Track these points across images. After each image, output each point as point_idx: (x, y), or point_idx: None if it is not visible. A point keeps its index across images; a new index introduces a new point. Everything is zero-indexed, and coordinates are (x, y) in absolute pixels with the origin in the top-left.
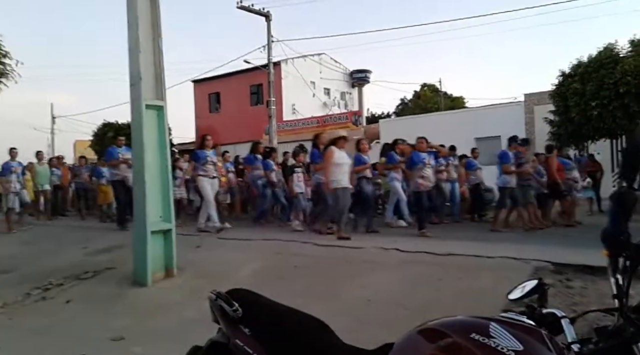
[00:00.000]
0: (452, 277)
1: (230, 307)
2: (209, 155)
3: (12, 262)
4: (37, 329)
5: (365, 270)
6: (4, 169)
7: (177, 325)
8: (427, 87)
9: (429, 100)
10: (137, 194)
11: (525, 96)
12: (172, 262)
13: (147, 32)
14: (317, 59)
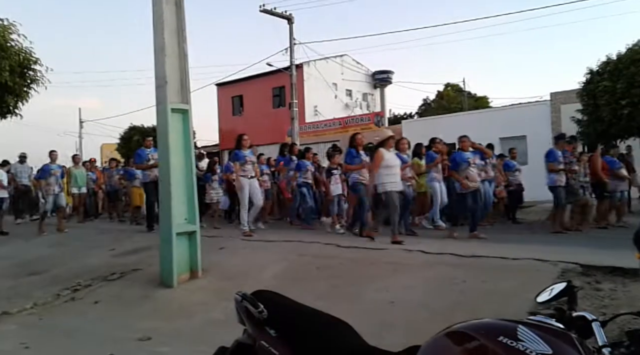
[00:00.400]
0: (476, 279)
1: (256, 308)
2: (247, 154)
3: (42, 263)
4: (66, 329)
5: (389, 272)
6: (44, 172)
7: (202, 326)
8: (451, 87)
9: (452, 100)
10: (162, 196)
11: (551, 95)
12: (196, 264)
13: (173, 36)
14: (339, 60)
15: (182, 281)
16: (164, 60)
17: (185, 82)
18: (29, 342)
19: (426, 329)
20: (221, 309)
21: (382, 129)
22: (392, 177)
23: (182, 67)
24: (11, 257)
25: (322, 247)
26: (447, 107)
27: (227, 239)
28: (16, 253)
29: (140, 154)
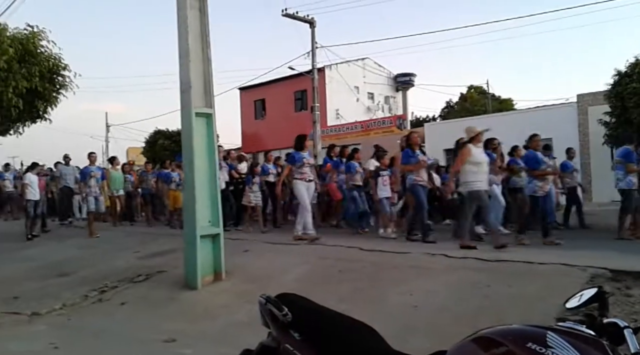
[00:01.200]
0: (501, 284)
1: (280, 311)
2: (305, 157)
3: (70, 265)
4: (94, 330)
5: (412, 276)
6: (84, 174)
7: (226, 328)
8: (474, 89)
9: (475, 102)
10: (187, 199)
11: (578, 97)
12: (220, 266)
13: (197, 41)
14: (361, 63)
15: (206, 283)
16: (188, 65)
17: (209, 87)
18: (58, 342)
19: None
20: (244, 311)
21: (403, 132)
22: (479, 175)
23: (205, 71)
24: (41, 258)
25: (344, 251)
26: (471, 109)
27: (250, 242)
28: (45, 255)
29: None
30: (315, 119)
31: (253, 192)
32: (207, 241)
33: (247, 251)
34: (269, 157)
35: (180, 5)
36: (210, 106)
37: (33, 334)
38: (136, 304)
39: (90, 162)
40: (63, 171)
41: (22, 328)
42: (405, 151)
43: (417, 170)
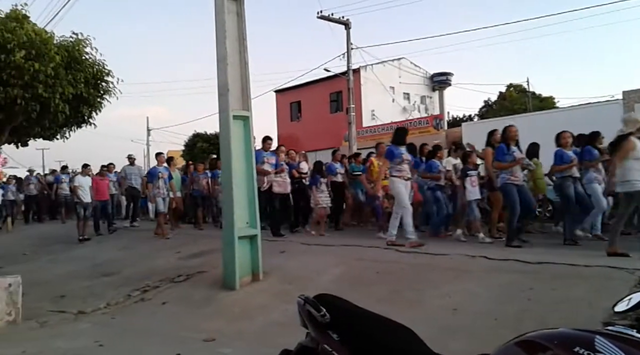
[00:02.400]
0: (544, 287)
1: (318, 312)
2: (404, 152)
3: (114, 265)
4: (137, 329)
5: (450, 278)
6: (152, 175)
7: (263, 328)
8: (513, 87)
9: (515, 101)
10: (225, 201)
11: (624, 94)
12: (258, 267)
13: (234, 46)
14: (397, 63)
15: (244, 284)
16: (226, 69)
17: (246, 90)
18: (102, 340)
19: (492, 337)
20: (281, 311)
21: (440, 132)
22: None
23: (243, 75)
24: (86, 258)
25: (381, 252)
26: (510, 108)
27: (287, 243)
28: (90, 255)
29: (256, 156)
30: (351, 120)
31: (322, 193)
32: (245, 242)
33: (284, 252)
34: (336, 156)
35: (218, 9)
36: (247, 109)
37: (79, 332)
38: (177, 303)
39: (158, 163)
40: (128, 171)
41: (68, 326)
42: (500, 147)
43: (511, 169)
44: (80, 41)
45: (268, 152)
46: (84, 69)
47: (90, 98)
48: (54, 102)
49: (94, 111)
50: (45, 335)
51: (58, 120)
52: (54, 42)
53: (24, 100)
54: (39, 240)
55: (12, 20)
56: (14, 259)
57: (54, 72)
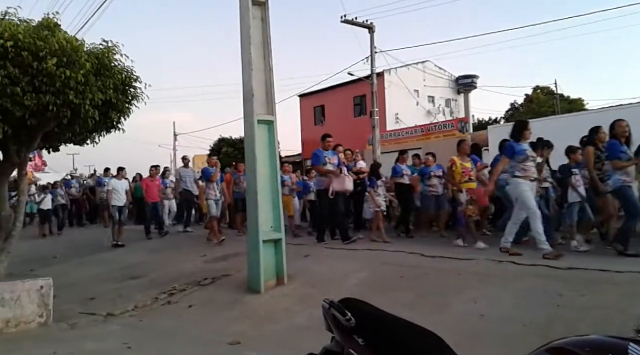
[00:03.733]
0: (574, 293)
1: (343, 316)
2: (527, 148)
3: (141, 268)
4: (164, 331)
5: (477, 283)
6: (206, 175)
7: (288, 331)
8: (541, 89)
9: (542, 103)
10: (250, 205)
11: None
12: (282, 271)
13: (259, 51)
14: (421, 66)
15: (269, 287)
16: (250, 74)
17: (270, 94)
18: (130, 342)
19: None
20: (306, 315)
21: (465, 135)
22: None
23: (267, 80)
24: (115, 261)
25: (405, 256)
26: (537, 111)
27: (311, 247)
28: (119, 258)
29: (318, 155)
30: (375, 124)
31: (379, 196)
32: (269, 246)
33: (308, 256)
34: (403, 157)
35: (243, 15)
36: (271, 113)
37: (107, 334)
38: (203, 306)
39: (210, 165)
40: (182, 173)
41: (97, 328)
42: (613, 143)
43: (625, 169)
44: (110, 48)
45: (329, 152)
46: (113, 76)
47: (119, 104)
48: (84, 108)
49: (123, 116)
50: (75, 337)
51: (88, 125)
52: (84, 50)
53: (55, 106)
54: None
55: (44, 29)
56: (45, 262)
57: (84, 78)
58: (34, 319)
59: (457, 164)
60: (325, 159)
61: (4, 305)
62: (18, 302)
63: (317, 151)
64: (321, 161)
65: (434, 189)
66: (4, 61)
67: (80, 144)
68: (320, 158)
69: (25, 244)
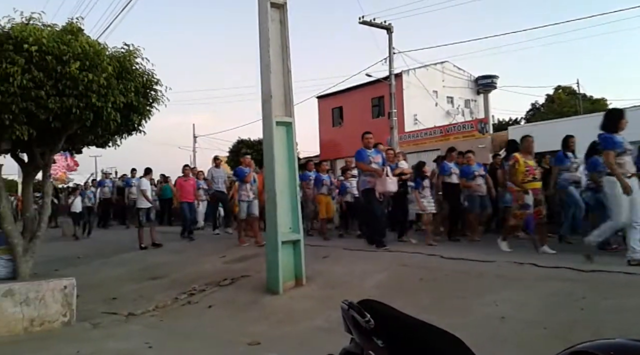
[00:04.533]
0: (598, 296)
1: (363, 317)
2: (623, 141)
3: (162, 268)
4: (184, 331)
5: (498, 286)
6: (240, 176)
7: (307, 332)
8: (562, 89)
9: (564, 103)
10: (268, 206)
11: None
12: (301, 272)
13: (277, 53)
14: (440, 67)
15: (288, 288)
16: (269, 76)
17: (289, 96)
18: (152, 341)
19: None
20: (324, 316)
21: (486, 136)
22: None
23: (286, 82)
24: (136, 262)
25: (425, 258)
26: (559, 111)
27: (330, 248)
28: (140, 258)
29: (362, 153)
30: (393, 125)
31: (425, 198)
32: (288, 247)
33: (326, 257)
34: (452, 155)
35: (262, 18)
36: (290, 115)
37: (129, 333)
38: (222, 307)
39: (245, 165)
40: (214, 174)
41: (119, 327)
42: None
43: None
44: (131, 52)
45: (372, 150)
46: (134, 79)
47: (140, 106)
48: (106, 111)
49: (144, 119)
50: (98, 336)
51: (110, 128)
52: (106, 54)
53: (78, 109)
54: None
55: (67, 33)
56: (68, 262)
57: (106, 82)
58: (58, 318)
59: (520, 162)
60: (370, 157)
61: (29, 304)
62: (42, 301)
63: (361, 150)
64: (365, 160)
65: (479, 189)
66: (29, 65)
67: (103, 146)
68: (365, 157)
69: (49, 245)
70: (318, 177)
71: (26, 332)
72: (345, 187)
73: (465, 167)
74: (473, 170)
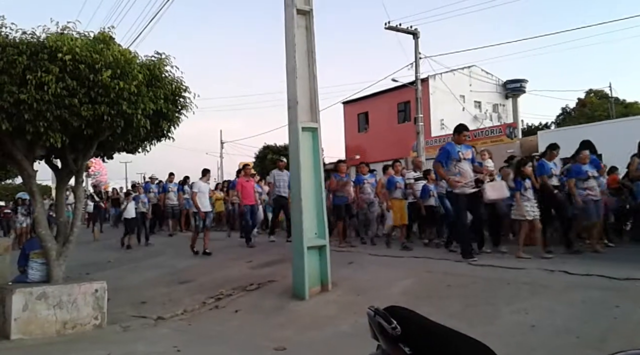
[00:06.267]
0: (632, 305)
1: (389, 324)
2: None
3: (190, 273)
4: (212, 335)
5: (527, 293)
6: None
7: (332, 338)
8: (594, 93)
9: (596, 107)
10: (294, 212)
11: None
12: (327, 277)
13: (303, 60)
14: (467, 71)
15: (313, 294)
16: (295, 82)
17: (314, 102)
18: (180, 345)
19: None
20: (350, 322)
21: (514, 141)
22: None
23: (311, 87)
24: (165, 266)
25: (452, 265)
26: (591, 115)
27: (355, 254)
28: (168, 263)
29: (448, 150)
30: (419, 130)
31: (529, 201)
32: (314, 252)
33: (352, 263)
34: (553, 153)
35: (288, 24)
36: (315, 121)
37: (158, 337)
38: (249, 311)
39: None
40: (277, 177)
41: (148, 331)
42: None
43: None
44: (161, 60)
45: (462, 145)
46: (163, 86)
47: (169, 113)
48: (137, 118)
49: (173, 125)
50: (128, 339)
51: (140, 134)
52: (137, 62)
53: (110, 116)
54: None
55: (99, 42)
56: (100, 266)
57: (136, 89)
58: (90, 321)
59: None
60: (459, 154)
61: (61, 307)
62: (75, 304)
63: (448, 145)
64: (455, 157)
65: (593, 193)
66: (63, 74)
67: (133, 152)
68: (452, 153)
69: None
70: (391, 180)
71: (59, 334)
72: (428, 189)
73: (576, 166)
74: (585, 170)
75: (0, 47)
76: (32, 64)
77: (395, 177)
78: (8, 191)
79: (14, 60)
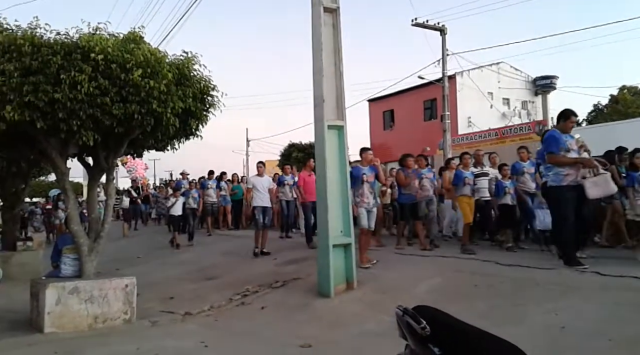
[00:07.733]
0: None
1: (418, 324)
2: None
3: (216, 269)
4: (238, 331)
5: (557, 294)
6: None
7: (358, 337)
8: (627, 89)
9: (629, 104)
10: (320, 209)
11: None
12: (352, 275)
13: (330, 58)
14: (495, 68)
15: (339, 292)
16: (321, 80)
17: (340, 100)
18: (207, 341)
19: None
20: (376, 321)
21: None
22: None
23: (338, 86)
24: (192, 263)
25: (480, 264)
26: (624, 112)
27: (380, 252)
28: (196, 259)
29: (557, 138)
30: (446, 128)
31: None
32: (339, 250)
33: (377, 262)
34: None
35: (315, 22)
36: (341, 119)
37: (186, 332)
38: (275, 308)
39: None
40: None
41: (176, 326)
42: None
43: None
44: (189, 59)
45: (568, 135)
46: (192, 85)
47: (197, 112)
48: (166, 116)
49: (201, 124)
50: (157, 334)
51: (169, 132)
52: (166, 61)
53: (140, 115)
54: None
55: (130, 42)
56: (130, 262)
57: (166, 88)
58: (120, 316)
59: None
60: (567, 143)
61: (93, 302)
62: (105, 299)
63: (554, 133)
64: (565, 147)
65: None
66: (95, 73)
67: (162, 150)
68: (560, 141)
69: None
70: (459, 175)
71: (90, 328)
72: (502, 186)
73: None
74: None
75: (35, 48)
76: (65, 63)
77: (463, 172)
78: (41, 188)
79: (49, 60)
